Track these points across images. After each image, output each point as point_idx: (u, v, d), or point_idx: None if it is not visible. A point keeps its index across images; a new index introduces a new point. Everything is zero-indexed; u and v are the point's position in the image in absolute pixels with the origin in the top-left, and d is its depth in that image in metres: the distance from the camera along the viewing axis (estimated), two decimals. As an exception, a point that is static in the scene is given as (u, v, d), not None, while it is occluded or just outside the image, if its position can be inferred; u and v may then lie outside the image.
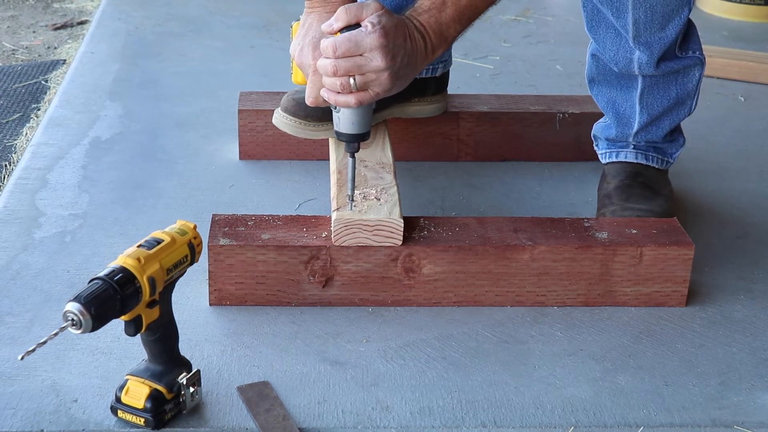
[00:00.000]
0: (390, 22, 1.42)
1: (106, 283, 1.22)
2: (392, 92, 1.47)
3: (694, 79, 1.83)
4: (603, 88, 1.89)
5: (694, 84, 1.84)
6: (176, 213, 1.84)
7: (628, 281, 1.63)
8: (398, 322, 1.59)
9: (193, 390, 1.35)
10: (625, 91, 1.85)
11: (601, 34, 1.79)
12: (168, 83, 2.49)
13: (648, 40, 1.72)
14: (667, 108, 1.85)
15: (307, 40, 1.57)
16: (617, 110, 1.88)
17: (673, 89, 1.83)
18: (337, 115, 1.50)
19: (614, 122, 1.89)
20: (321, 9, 1.60)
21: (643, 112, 1.84)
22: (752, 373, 1.51)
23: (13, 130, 2.32)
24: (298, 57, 1.58)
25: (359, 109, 1.49)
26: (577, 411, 1.41)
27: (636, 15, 1.69)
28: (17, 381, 1.40)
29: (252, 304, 1.60)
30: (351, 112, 1.49)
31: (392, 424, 1.36)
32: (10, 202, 1.88)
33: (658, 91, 1.83)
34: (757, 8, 3.19)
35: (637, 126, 1.86)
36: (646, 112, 1.84)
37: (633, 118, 1.86)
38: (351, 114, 1.50)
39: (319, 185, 1.97)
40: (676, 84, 1.83)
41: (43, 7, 3.28)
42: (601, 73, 1.88)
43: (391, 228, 1.57)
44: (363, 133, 1.52)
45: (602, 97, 1.90)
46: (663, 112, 1.85)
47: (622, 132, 1.88)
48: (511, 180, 2.06)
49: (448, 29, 1.49)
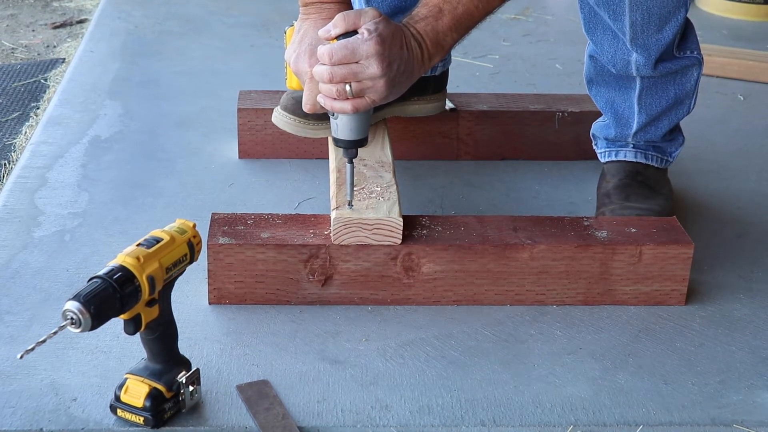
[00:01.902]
0: (387, 29, 1.42)
1: (105, 282, 1.22)
2: (388, 99, 1.47)
3: (693, 79, 1.83)
4: (601, 89, 1.89)
5: (693, 84, 1.84)
6: (175, 212, 1.84)
7: (627, 280, 1.63)
8: (397, 321, 1.59)
9: (192, 389, 1.35)
10: (623, 92, 1.85)
11: (599, 36, 1.79)
12: (167, 82, 2.49)
13: (645, 42, 1.72)
14: (666, 108, 1.85)
15: (303, 47, 1.56)
16: (616, 110, 1.88)
17: (672, 89, 1.83)
18: (335, 121, 1.51)
19: (613, 122, 1.89)
20: (317, 16, 1.60)
21: (642, 113, 1.85)
22: (752, 371, 1.51)
23: (12, 128, 2.32)
24: (294, 64, 1.58)
25: (356, 115, 1.49)
26: (577, 410, 1.41)
27: (633, 17, 1.69)
28: (16, 380, 1.40)
29: (251, 302, 1.60)
30: (348, 118, 1.49)
31: (391, 423, 1.36)
32: (9, 201, 1.88)
33: (656, 92, 1.83)
34: (756, 7, 3.19)
35: (636, 126, 1.86)
36: (644, 112, 1.84)
37: (632, 118, 1.86)
38: (348, 120, 1.50)
39: (319, 184, 1.97)
40: (675, 84, 1.83)
41: (43, 6, 3.28)
42: (600, 74, 1.88)
43: (391, 227, 1.57)
44: (360, 139, 1.52)
45: (601, 98, 1.90)
46: (662, 112, 1.85)
47: (621, 132, 1.89)
48: (511, 179, 2.06)
49: (445, 37, 1.49)
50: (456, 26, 1.49)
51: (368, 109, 1.47)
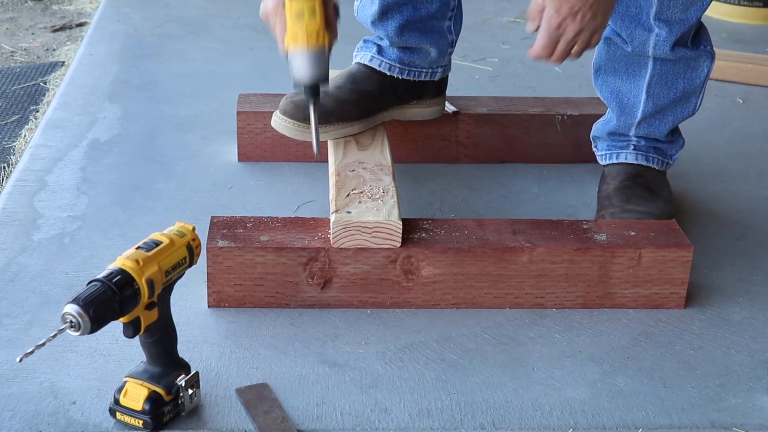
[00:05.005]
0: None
1: (104, 285, 1.22)
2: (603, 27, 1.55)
3: (703, 73, 1.84)
4: (609, 78, 1.88)
5: (702, 79, 1.84)
6: (175, 215, 1.84)
7: (626, 283, 1.63)
8: (397, 324, 1.59)
9: (191, 392, 1.35)
10: (632, 78, 1.84)
11: (622, 10, 1.78)
12: (167, 85, 2.49)
13: (669, 19, 1.74)
14: (673, 101, 1.85)
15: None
16: (621, 100, 1.87)
17: (681, 82, 1.83)
18: (293, 63, 1.59)
19: (617, 113, 1.88)
20: None
21: (649, 101, 1.84)
22: (751, 375, 1.51)
23: (11, 131, 2.32)
24: (263, 8, 1.65)
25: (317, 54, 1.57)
26: (576, 413, 1.41)
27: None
28: (15, 383, 1.40)
29: (251, 305, 1.60)
30: (307, 56, 1.58)
31: (391, 426, 1.36)
32: (8, 204, 1.88)
33: (666, 81, 1.83)
34: (755, 10, 3.19)
35: (640, 115, 1.86)
36: (651, 101, 1.84)
37: (637, 107, 1.85)
38: (307, 59, 1.58)
39: (318, 187, 1.97)
40: (685, 77, 1.83)
41: (42, 9, 3.28)
42: (610, 60, 1.86)
43: (390, 230, 1.57)
44: (323, 77, 1.59)
45: (606, 88, 1.89)
46: (668, 104, 1.85)
47: (625, 123, 1.88)
48: (510, 182, 2.06)
49: None
50: None
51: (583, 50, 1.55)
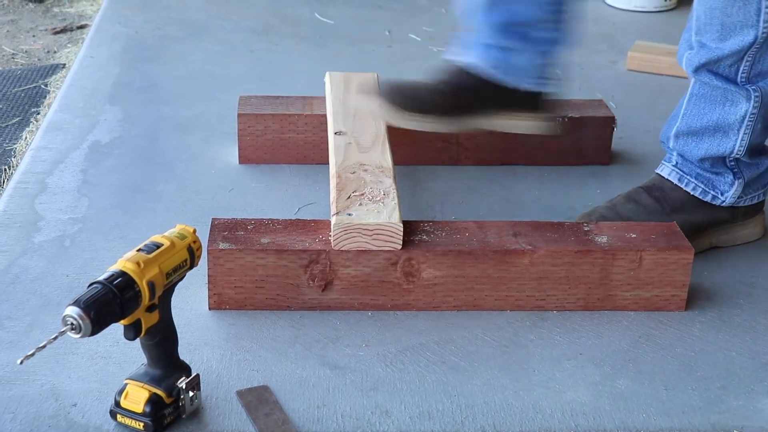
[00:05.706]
0: None
1: (105, 288, 1.22)
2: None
3: (738, 113, 1.74)
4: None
5: (738, 119, 1.75)
6: (176, 217, 1.84)
7: (627, 285, 1.63)
8: (398, 327, 1.58)
9: (192, 394, 1.35)
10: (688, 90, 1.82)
11: (691, 20, 1.77)
12: (167, 87, 2.49)
13: (704, 43, 1.72)
14: (706, 127, 1.78)
15: None
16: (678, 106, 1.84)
17: (716, 112, 1.77)
18: None
19: (669, 117, 1.86)
20: None
21: (685, 117, 1.81)
22: (752, 377, 1.51)
23: (12, 134, 2.33)
24: None
25: None
26: (577, 415, 1.41)
27: (698, 11, 1.71)
28: (16, 385, 1.40)
29: (251, 308, 1.60)
30: None
31: (392, 429, 1.36)
32: (9, 207, 1.88)
33: (701, 105, 1.78)
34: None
35: (676, 128, 1.82)
36: (686, 118, 1.80)
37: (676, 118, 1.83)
38: None
39: (319, 189, 1.97)
40: (720, 109, 1.76)
41: (43, 12, 3.28)
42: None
43: (391, 232, 1.57)
44: None
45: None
46: (701, 129, 1.79)
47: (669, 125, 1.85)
48: (511, 184, 2.06)
49: None
50: None
51: None
